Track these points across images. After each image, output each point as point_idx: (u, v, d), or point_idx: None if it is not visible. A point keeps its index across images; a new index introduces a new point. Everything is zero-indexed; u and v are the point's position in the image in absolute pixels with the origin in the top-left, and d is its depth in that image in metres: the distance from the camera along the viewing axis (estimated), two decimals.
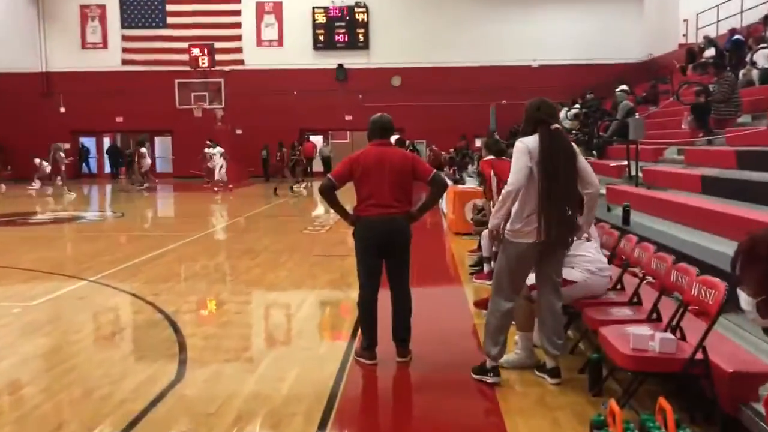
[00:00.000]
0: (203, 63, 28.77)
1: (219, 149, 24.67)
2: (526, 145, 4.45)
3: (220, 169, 23.99)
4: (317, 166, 30.48)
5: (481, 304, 6.56)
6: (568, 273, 4.88)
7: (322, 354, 5.54)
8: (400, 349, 5.27)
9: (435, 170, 5.24)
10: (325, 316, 6.99)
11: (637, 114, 13.10)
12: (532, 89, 29.38)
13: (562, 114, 19.14)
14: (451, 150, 25.07)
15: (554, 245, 4.50)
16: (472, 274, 8.47)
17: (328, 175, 5.17)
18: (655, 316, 4.52)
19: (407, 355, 5.27)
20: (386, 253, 5.15)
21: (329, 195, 5.11)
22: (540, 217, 4.39)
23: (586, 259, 5.02)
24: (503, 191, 4.52)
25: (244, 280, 8.57)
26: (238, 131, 29.96)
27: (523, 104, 4.59)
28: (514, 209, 4.51)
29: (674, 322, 4.10)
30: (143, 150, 25.72)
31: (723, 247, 6.25)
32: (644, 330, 3.97)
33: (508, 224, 4.55)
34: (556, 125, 4.49)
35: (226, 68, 29.88)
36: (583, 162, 4.52)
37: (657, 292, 4.61)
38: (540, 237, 4.41)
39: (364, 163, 5.11)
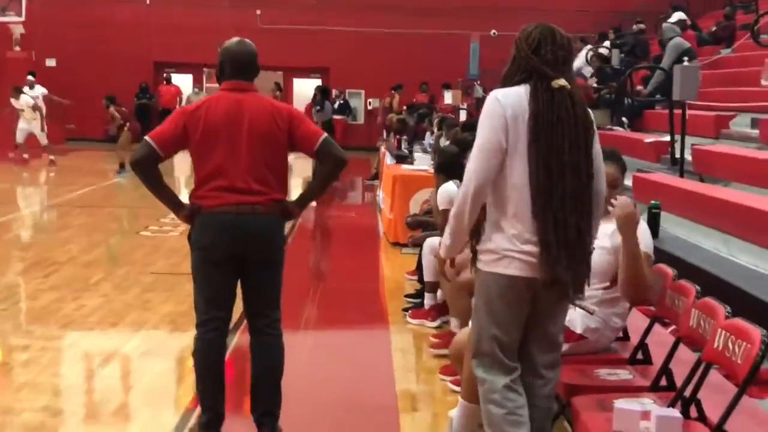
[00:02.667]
0: None
1: (38, 91, 23.95)
2: (503, 102, 4.31)
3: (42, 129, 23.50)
4: None
5: (449, 371, 6.64)
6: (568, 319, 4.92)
7: None
8: (261, 430, 5.27)
9: (325, 135, 5.24)
10: (150, 374, 6.92)
11: (695, 60, 13.38)
12: (540, 13, 29.83)
13: (580, 58, 19.44)
14: (404, 107, 25.27)
15: (563, 286, 4.32)
16: (406, 310, 8.54)
17: (146, 137, 5.15)
18: (665, 382, 4.61)
19: None
20: (242, 269, 5.18)
21: (147, 169, 5.10)
22: (540, 239, 4.24)
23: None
24: (460, 189, 4.43)
25: (27, 311, 8.46)
26: (50, 62, 29.70)
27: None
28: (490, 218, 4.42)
29: (688, 392, 4.18)
30: None
31: None
32: (636, 404, 4.03)
33: (480, 251, 4.46)
34: (563, 82, 4.35)
35: None
36: (597, 147, 4.45)
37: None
38: (543, 272, 4.25)
39: (206, 120, 5.09)
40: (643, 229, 5.06)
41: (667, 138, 11.58)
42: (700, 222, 8.59)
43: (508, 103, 4.28)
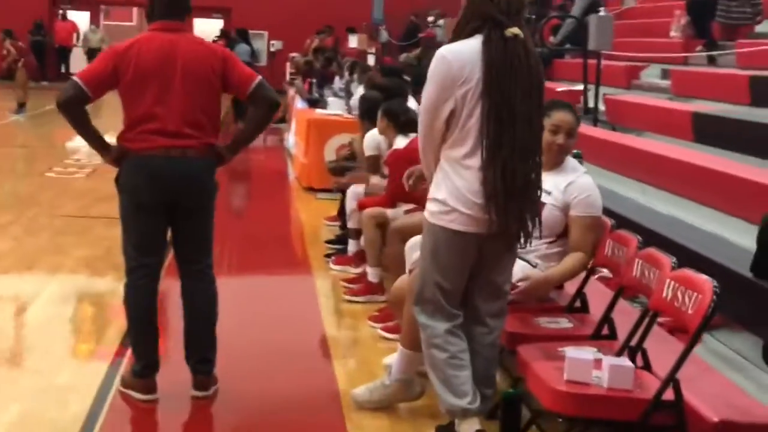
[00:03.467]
0: None
1: None
2: (453, 56, 4.29)
3: None
4: (79, 63, 29.54)
5: (380, 317, 6.66)
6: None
7: (64, 383, 5.43)
8: (197, 377, 5.22)
9: (259, 78, 5.14)
10: (74, 319, 6.85)
11: (602, 10, 13.49)
12: None
13: None
14: (309, 52, 25.00)
15: (510, 237, 4.39)
16: (328, 255, 8.53)
17: (74, 76, 4.99)
18: (607, 330, 4.67)
19: (209, 386, 5.23)
20: (172, 215, 5.10)
21: (75, 111, 4.96)
22: (488, 191, 4.25)
23: None
24: (419, 144, 4.49)
25: None
26: None
27: None
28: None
29: (634, 342, 4.24)
30: None
31: (722, 228, 6.53)
32: (586, 353, 4.06)
33: (429, 199, 4.48)
34: (517, 31, 4.26)
35: None
36: None
37: (612, 294, 4.78)
38: (489, 226, 4.30)
39: (137, 60, 4.94)
40: (594, 196, 5.12)
41: (579, 87, 11.70)
42: (616, 171, 8.72)
43: (458, 54, 4.28)
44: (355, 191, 8.05)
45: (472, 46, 4.27)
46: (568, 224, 5.10)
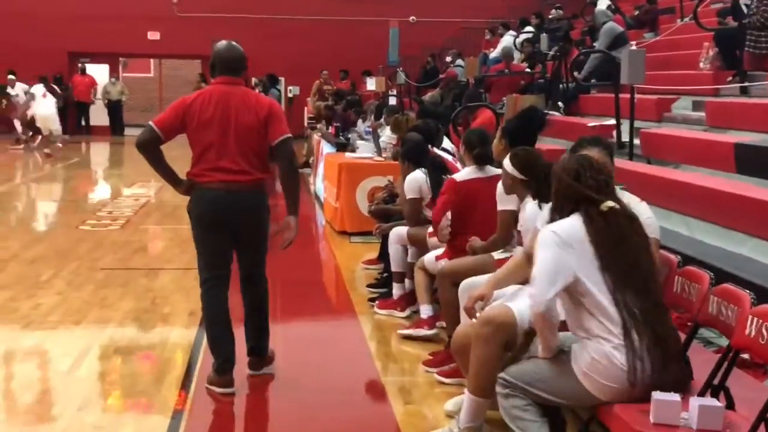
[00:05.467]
0: None
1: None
2: (560, 235, 4.36)
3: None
4: (98, 116, 29.76)
5: (434, 362, 6.58)
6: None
7: None
8: (252, 358, 6.38)
9: (288, 134, 6.01)
10: (128, 373, 6.80)
11: (633, 44, 13.50)
12: (459, 0, 30.01)
13: (506, 41, 19.52)
14: (317, 95, 25.16)
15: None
16: (372, 300, 8.45)
17: (150, 122, 5.98)
18: None
19: (262, 366, 6.41)
20: (234, 235, 6.10)
21: (152, 151, 5.95)
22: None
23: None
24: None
25: None
26: None
27: (444, 23, 4.52)
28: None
29: (717, 380, 4.16)
30: None
31: None
32: (671, 394, 4.00)
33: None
34: (612, 204, 4.42)
35: None
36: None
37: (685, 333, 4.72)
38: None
39: (200, 110, 5.93)
40: (649, 216, 5.03)
41: (609, 122, 11.63)
42: (659, 205, 8.63)
43: (563, 232, 4.36)
44: (398, 234, 7.99)
45: (573, 225, 4.44)
46: None
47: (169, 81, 32.11)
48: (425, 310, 7.36)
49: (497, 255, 6.35)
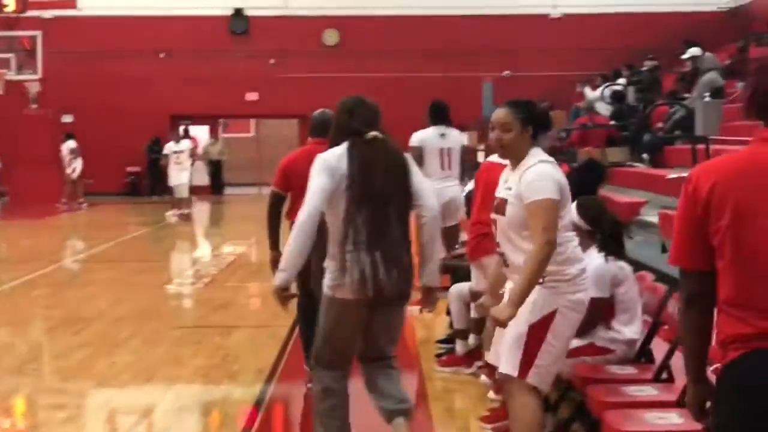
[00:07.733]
0: (7, 6, 28.50)
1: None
2: (328, 161, 5.10)
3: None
4: (199, 176, 30.25)
5: (491, 418, 6.49)
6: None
7: None
8: None
9: None
10: (192, 429, 6.90)
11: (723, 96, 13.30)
12: (552, 52, 29.91)
13: (595, 94, 19.42)
14: None
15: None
16: (439, 356, 8.34)
17: (272, 186, 6.88)
18: None
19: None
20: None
21: (273, 209, 6.87)
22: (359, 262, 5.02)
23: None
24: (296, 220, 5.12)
25: (59, 369, 8.40)
26: (66, 119, 29.79)
27: (540, 77, 4.58)
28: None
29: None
30: None
31: None
32: (674, 416, 4.11)
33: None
34: (376, 133, 5.18)
35: (46, 14, 29.69)
36: (418, 179, 5.31)
37: None
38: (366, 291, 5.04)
39: (296, 170, 6.39)
40: (538, 181, 4.85)
41: (686, 173, 11.43)
42: None
43: (331, 159, 5.13)
44: (459, 291, 7.87)
45: (341, 153, 5.24)
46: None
47: (266, 139, 32.65)
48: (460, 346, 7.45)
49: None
